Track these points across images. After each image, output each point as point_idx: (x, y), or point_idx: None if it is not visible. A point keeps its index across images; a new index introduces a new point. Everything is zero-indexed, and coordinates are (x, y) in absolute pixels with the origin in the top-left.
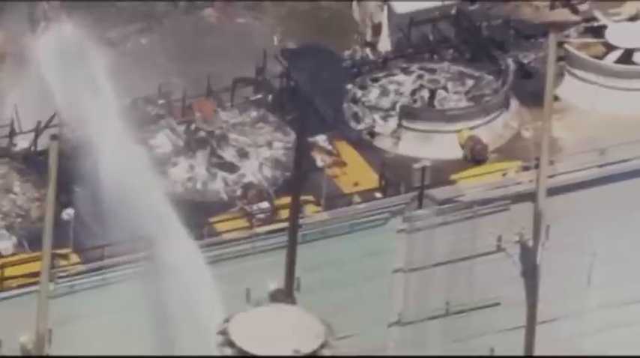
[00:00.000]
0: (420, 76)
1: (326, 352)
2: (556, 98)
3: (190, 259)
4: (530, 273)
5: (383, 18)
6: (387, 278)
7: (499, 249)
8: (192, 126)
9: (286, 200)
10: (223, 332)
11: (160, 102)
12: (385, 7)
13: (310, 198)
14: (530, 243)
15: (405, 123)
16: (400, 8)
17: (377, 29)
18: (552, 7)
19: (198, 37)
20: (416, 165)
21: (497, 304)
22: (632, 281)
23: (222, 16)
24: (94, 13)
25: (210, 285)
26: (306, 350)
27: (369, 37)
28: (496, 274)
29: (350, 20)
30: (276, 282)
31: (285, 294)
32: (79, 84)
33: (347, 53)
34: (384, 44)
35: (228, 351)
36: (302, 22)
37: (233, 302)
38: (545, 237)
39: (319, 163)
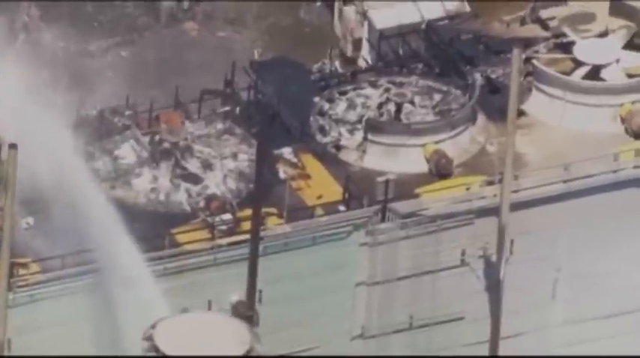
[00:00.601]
0: (387, 90)
1: None
2: (523, 113)
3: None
4: (494, 288)
5: (363, 33)
6: (350, 292)
7: (463, 263)
8: (157, 138)
9: (249, 212)
10: (148, 338)
11: (127, 113)
12: (365, 23)
13: (273, 210)
14: (494, 258)
15: (370, 136)
16: (380, 23)
17: (357, 44)
18: (523, 23)
19: (178, 50)
20: (379, 179)
21: (461, 318)
22: (596, 297)
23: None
24: (75, 26)
25: (158, 297)
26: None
27: (349, 52)
28: (460, 288)
29: (332, 36)
30: (238, 294)
31: (247, 306)
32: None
33: (316, 66)
34: (365, 59)
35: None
36: (284, 37)
37: None
38: (510, 251)
39: (282, 175)
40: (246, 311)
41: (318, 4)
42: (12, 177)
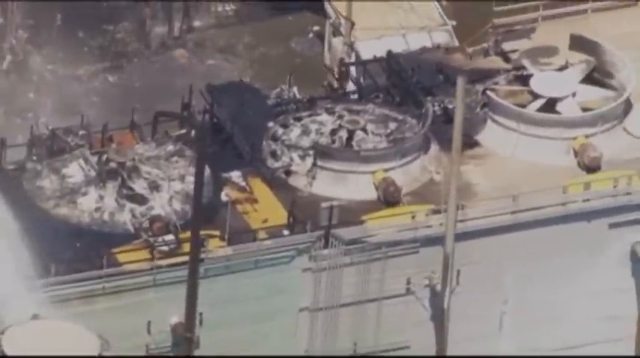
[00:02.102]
0: (341, 117)
1: None
2: (477, 144)
3: None
4: (440, 317)
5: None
6: (293, 317)
7: (408, 291)
8: (104, 157)
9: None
10: None
11: (81, 132)
12: (352, 53)
13: (216, 232)
14: (440, 287)
15: (320, 162)
16: (366, 54)
17: (344, 75)
18: (486, 55)
19: (166, 77)
20: (323, 204)
21: (407, 347)
22: (543, 329)
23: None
24: (65, 51)
25: None
26: None
27: (335, 83)
28: (405, 317)
29: (321, 66)
30: (178, 316)
31: (186, 328)
32: None
33: (274, 92)
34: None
35: None
36: (274, 67)
37: (134, 335)
38: (456, 281)
39: (223, 198)
40: (184, 333)
41: (310, 35)
42: None
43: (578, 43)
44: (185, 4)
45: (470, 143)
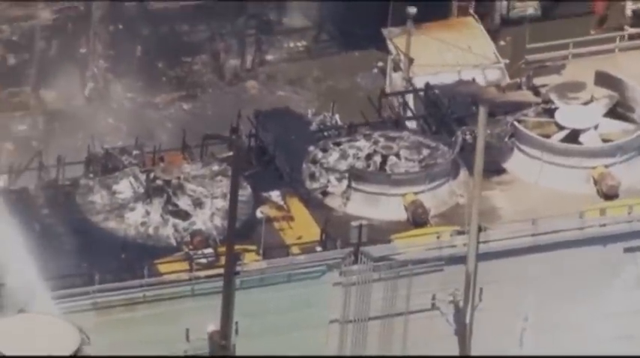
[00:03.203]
0: (376, 142)
1: None
2: (504, 171)
3: None
4: (463, 332)
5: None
6: (323, 328)
7: (433, 307)
8: (152, 175)
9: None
10: None
11: (135, 152)
12: (409, 86)
13: (253, 247)
14: (462, 304)
15: (354, 184)
16: (421, 85)
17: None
18: (518, 89)
19: (237, 106)
20: (353, 223)
21: None
22: (561, 346)
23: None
24: (144, 80)
25: None
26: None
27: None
28: (430, 331)
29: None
30: (214, 324)
31: (222, 336)
32: None
33: (317, 118)
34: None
35: None
36: (339, 99)
37: (173, 342)
38: (479, 298)
39: (258, 215)
40: (220, 341)
41: (375, 70)
42: None
43: (603, 79)
44: (257, 39)
45: (497, 170)
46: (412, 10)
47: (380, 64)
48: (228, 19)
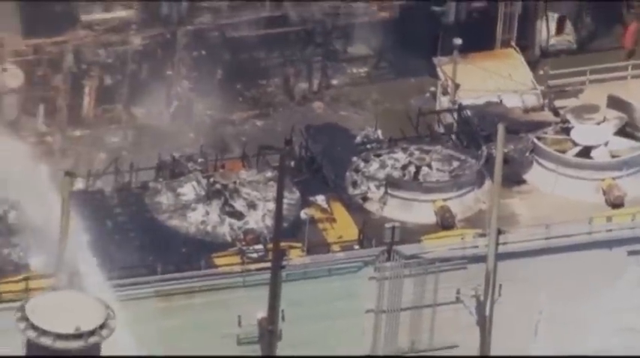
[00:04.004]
0: (412, 154)
1: (104, 331)
2: (524, 181)
3: None
4: (483, 323)
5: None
6: (360, 317)
7: (457, 300)
8: (211, 180)
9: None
10: (20, 309)
11: (199, 160)
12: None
13: (298, 244)
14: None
15: (390, 191)
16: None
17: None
18: (541, 110)
19: (304, 123)
20: (387, 225)
21: (456, 346)
22: (572, 336)
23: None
24: (224, 99)
25: None
26: (86, 328)
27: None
28: (455, 321)
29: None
30: (263, 311)
31: (269, 322)
32: None
33: (362, 133)
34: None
35: (22, 325)
36: (394, 119)
37: (226, 326)
38: (498, 293)
39: (302, 216)
40: (268, 326)
41: (427, 94)
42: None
43: (614, 103)
44: (324, 65)
45: (518, 181)
46: (458, 41)
47: (432, 88)
48: (298, 47)
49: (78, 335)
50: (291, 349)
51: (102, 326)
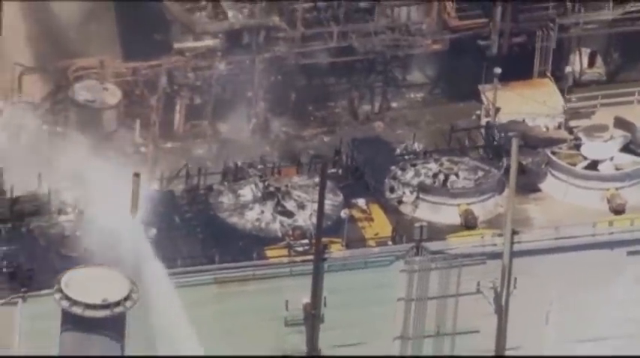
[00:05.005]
0: (442, 165)
1: (128, 303)
2: (539, 190)
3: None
4: (501, 311)
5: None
6: (392, 304)
7: (478, 291)
8: (266, 183)
9: (324, 240)
10: (57, 282)
11: (259, 166)
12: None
13: (339, 239)
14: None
15: (421, 196)
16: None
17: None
18: (558, 128)
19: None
20: (416, 224)
21: (477, 332)
22: (579, 325)
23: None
24: (297, 118)
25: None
26: (113, 299)
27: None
28: (475, 310)
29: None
30: (308, 298)
31: (313, 307)
32: None
33: (402, 145)
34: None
35: (57, 296)
36: (440, 137)
37: (275, 310)
38: (513, 286)
39: (342, 215)
40: (311, 311)
41: (474, 117)
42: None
43: (620, 123)
44: (384, 90)
45: (534, 189)
46: (497, 70)
47: (477, 112)
48: (362, 74)
49: (105, 306)
50: (331, 330)
51: (126, 298)
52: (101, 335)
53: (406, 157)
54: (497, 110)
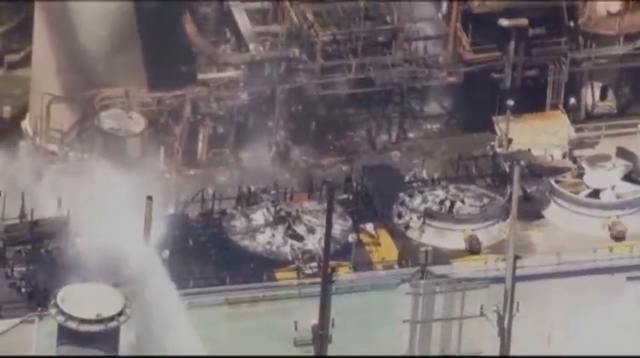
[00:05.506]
0: (448, 192)
1: (122, 318)
2: (543, 216)
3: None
4: (504, 334)
5: None
6: (398, 326)
7: (481, 314)
8: (278, 208)
9: (333, 263)
10: (54, 297)
11: (272, 192)
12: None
13: (347, 263)
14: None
15: (427, 221)
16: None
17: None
18: (563, 158)
19: (382, 168)
20: (422, 249)
21: (481, 353)
22: (579, 346)
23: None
24: (317, 147)
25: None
26: (107, 314)
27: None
28: (479, 332)
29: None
30: (316, 319)
31: (320, 328)
32: None
33: (410, 173)
34: None
35: (53, 311)
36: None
37: (285, 331)
38: (516, 309)
39: (350, 240)
40: (319, 331)
41: (488, 147)
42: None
43: (622, 153)
44: (401, 121)
45: (537, 216)
46: (510, 102)
47: (492, 142)
48: (380, 105)
49: (99, 320)
50: (339, 351)
51: (120, 313)
52: (95, 348)
53: (414, 184)
54: (510, 141)
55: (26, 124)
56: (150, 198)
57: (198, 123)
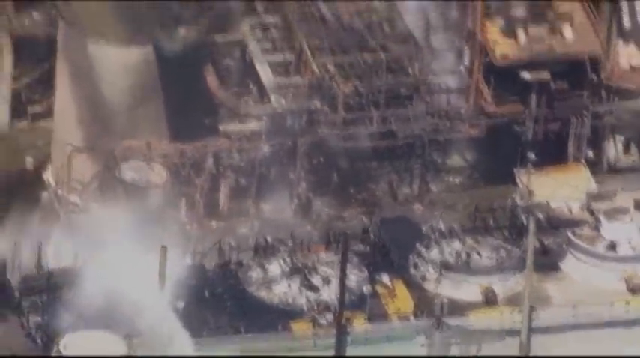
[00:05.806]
0: (464, 244)
1: None
2: (559, 269)
3: None
4: None
5: None
6: None
7: None
8: (294, 259)
9: (348, 314)
10: (56, 344)
11: (289, 243)
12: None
13: (362, 314)
14: None
15: (444, 273)
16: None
17: None
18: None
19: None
20: (437, 300)
21: None
22: None
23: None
24: (339, 199)
25: None
26: None
27: None
28: None
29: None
30: None
31: None
32: None
33: (427, 225)
34: None
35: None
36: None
37: None
38: None
39: (365, 291)
40: None
41: (509, 201)
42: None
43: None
44: (423, 174)
45: (554, 268)
46: (531, 155)
47: (513, 195)
48: (402, 158)
49: None
50: None
51: None
52: None
53: (431, 236)
54: (531, 193)
55: (48, 175)
56: (164, 247)
57: (220, 175)
